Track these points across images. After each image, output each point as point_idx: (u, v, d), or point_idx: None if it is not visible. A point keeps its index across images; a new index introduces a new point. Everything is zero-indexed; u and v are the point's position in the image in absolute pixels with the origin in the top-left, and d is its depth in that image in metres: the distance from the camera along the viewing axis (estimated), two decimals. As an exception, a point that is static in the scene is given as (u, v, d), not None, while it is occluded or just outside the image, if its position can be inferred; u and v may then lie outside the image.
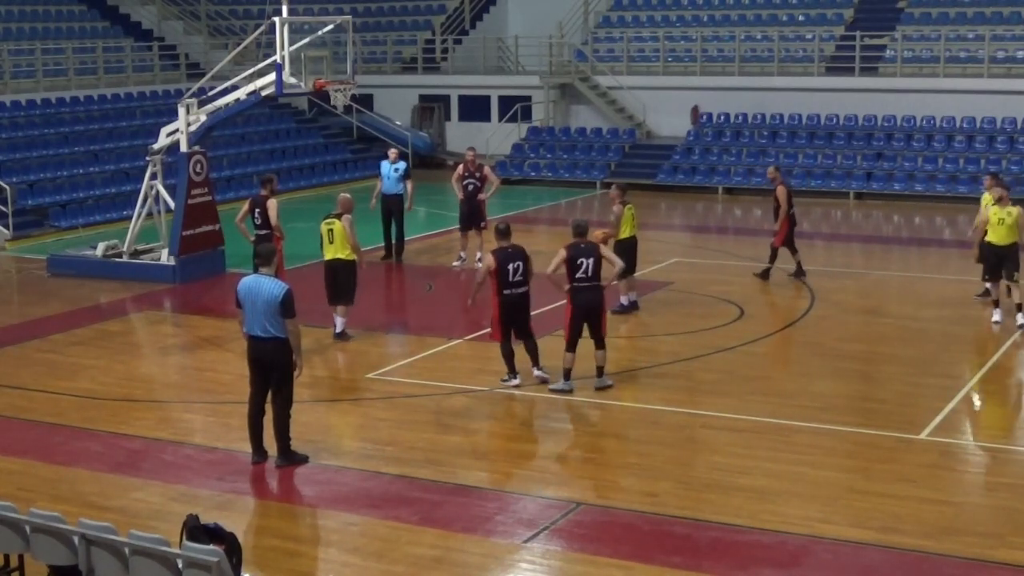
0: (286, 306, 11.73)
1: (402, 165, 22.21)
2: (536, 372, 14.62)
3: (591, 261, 14.18)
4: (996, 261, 17.11)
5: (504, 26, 40.25)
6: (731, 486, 11.58)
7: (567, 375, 14.34)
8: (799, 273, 20.24)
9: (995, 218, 17.04)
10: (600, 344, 14.42)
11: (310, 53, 20.91)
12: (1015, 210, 16.94)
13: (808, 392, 14.47)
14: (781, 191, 20.04)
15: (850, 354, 16.07)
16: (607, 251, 14.75)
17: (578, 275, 14.17)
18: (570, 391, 14.29)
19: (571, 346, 14.26)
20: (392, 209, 22.10)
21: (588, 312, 14.31)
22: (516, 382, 14.56)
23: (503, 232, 14.60)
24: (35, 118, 29.51)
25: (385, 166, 22.15)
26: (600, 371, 14.51)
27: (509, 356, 14.53)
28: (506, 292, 14.27)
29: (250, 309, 11.83)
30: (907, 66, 32.07)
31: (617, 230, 17.80)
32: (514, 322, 14.46)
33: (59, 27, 33.86)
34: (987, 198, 18.04)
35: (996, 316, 17.21)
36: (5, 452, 12.74)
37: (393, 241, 22.20)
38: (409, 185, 22.08)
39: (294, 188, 31.04)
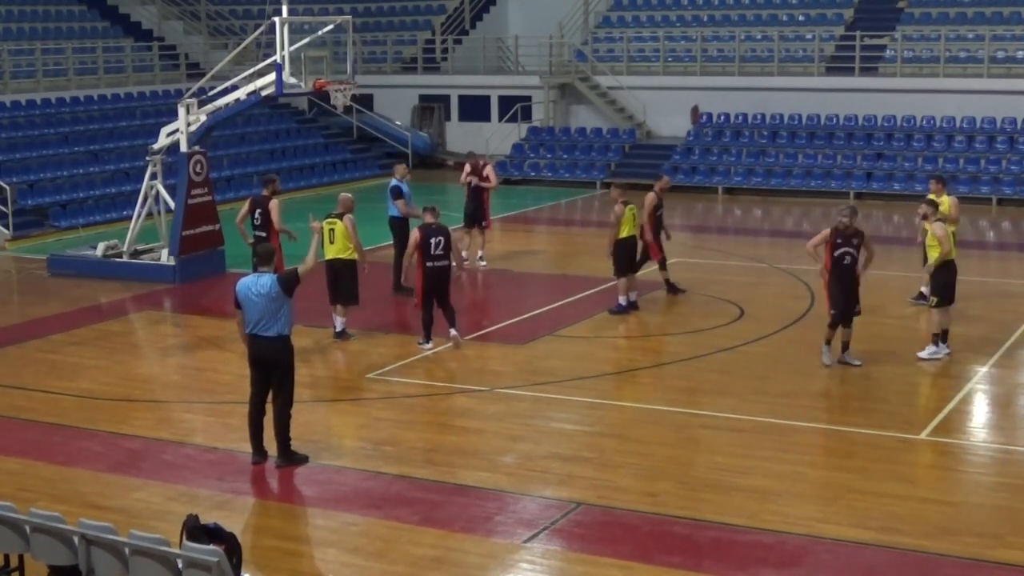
0: (284, 284, 11.82)
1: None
2: (452, 331, 16.10)
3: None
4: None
5: (504, 26, 40.25)
6: (731, 486, 11.58)
7: (845, 347, 15.35)
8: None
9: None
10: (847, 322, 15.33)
11: (310, 53, 20.89)
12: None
13: (808, 392, 14.47)
14: None
15: (850, 354, 16.03)
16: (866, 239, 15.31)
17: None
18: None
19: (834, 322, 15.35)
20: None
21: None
22: (429, 346, 16.13)
23: (429, 210, 16.25)
24: (35, 118, 29.49)
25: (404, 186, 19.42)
26: (845, 346, 15.34)
27: (427, 323, 16.14)
28: (428, 264, 15.83)
29: (250, 307, 11.85)
30: (907, 66, 32.06)
31: (617, 229, 17.84)
32: (435, 291, 16.00)
33: (59, 27, 33.85)
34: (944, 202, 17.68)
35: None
36: (5, 452, 12.74)
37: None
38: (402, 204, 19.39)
39: (294, 188, 30.97)
